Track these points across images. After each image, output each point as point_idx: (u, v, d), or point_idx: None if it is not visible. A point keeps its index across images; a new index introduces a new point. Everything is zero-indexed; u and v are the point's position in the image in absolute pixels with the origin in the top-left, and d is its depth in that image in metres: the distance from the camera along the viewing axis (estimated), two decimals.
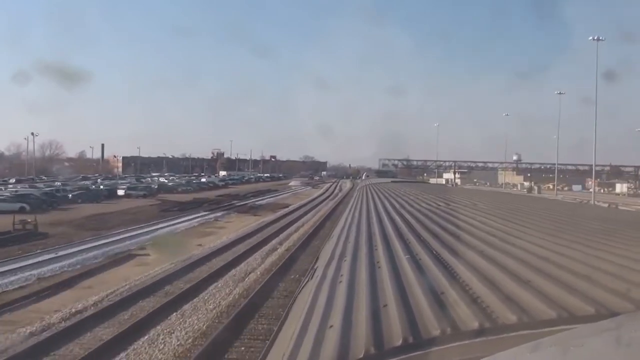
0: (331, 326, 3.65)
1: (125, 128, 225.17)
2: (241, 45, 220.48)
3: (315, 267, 8.25)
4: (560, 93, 76.63)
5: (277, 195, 70.06)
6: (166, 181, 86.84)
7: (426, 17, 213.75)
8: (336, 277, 5.70)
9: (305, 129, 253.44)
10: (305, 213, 42.18)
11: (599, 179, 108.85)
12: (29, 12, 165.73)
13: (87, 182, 74.99)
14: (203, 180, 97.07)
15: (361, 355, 3.02)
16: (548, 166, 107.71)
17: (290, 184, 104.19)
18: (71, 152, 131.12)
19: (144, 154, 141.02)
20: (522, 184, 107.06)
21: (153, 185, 73.44)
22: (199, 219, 38.11)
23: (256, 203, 54.89)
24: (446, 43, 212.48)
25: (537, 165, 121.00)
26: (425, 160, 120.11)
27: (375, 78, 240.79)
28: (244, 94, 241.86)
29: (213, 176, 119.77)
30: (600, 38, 55.27)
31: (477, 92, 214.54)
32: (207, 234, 30.87)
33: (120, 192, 59.63)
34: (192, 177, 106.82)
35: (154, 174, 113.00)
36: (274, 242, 26.56)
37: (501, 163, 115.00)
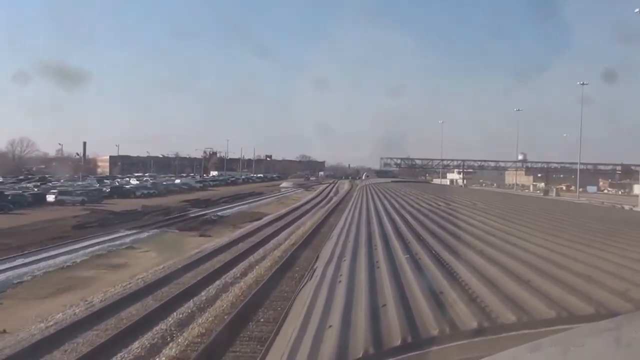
0: (330, 326, 3.65)
1: (121, 128, 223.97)
2: (241, 45, 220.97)
3: (314, 267, 8.24)
4: (583, 84, 70.05)
5: (257, 201, 58.91)
6: (136, 182, 75.80)
7: (426, 17, 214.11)
8: (335, 277, 5.70)
9: (305, 129, 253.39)
10: (280, 230, 30.70)
11: (610, 180, 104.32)
12: (28, 12, 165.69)
13: (29, 185, 62.09)
14: (177, 181, 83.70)
15: (360, 355, 3.01)
16: (560, 166, 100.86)
17: (281, 186, 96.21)
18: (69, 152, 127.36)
19: (137, 153, 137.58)
20: (534, 185, 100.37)
21: (105, 189, 61.43)
22: (110, 243, 26.24)
23: (220, 213, 43.17)
24: (446, 43, 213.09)
25: (554, 165, 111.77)
26: (432, 159, 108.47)
27: (375, 78, 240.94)
28: (243, 93, 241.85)
29: (197, 176, 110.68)
30: None
31: (477, 92, 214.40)
32: (67, 289, 17.36)
33: (50, 198, 48.49)
34: (171, 177, 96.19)
35: (136, 174, 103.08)
36: (187, 307, 14.42)
37: (515, 162, 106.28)
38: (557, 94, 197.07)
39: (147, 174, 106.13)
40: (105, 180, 79.94)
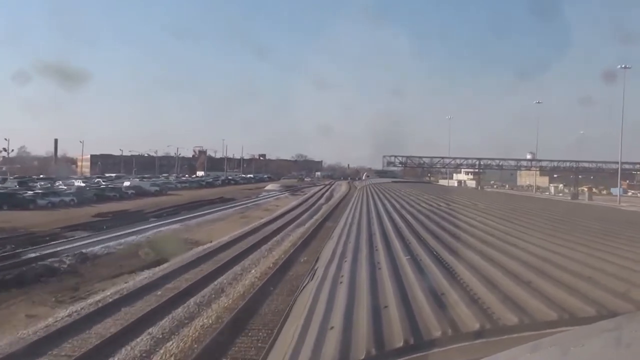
0: (332, 327, 3.65)
1: (116, 127, 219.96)
2: (240, 45, 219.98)
3: (315, 267, 8.24)
4: (625, 67, 60.14)
5: (214, 212, 42.32)
6: (82, 184, 63.62)
7: (426, 17, 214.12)
8: (337, 278, 5.70)
9: (305, 129, 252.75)
10: (165, 309, 13.33)
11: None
12: (24, 12, 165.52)
13: None
14: (127, 184, 67.04)
15: (362, 357, 3.02)
16: (590, 165, 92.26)
17: (266, 188, 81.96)
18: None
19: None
20: (555, 187, 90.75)
21: None
22: None
23: (99, 248, 23.78)
24: (446, 42, 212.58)
25: (585, 164, 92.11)
26: (442, 157, 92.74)
27: (375, 77, 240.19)
28: (241, 93, 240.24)
29: (173, 176, 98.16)
30: None
31: (478, 92, 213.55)
32: None
33: None
34: (134, 178, 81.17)
35: (107, 174, 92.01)
36: None
37: (539, 161, 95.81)
38: (558, 94, 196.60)
39: (113, 174, 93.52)
40: (39, 183, 65.53)
